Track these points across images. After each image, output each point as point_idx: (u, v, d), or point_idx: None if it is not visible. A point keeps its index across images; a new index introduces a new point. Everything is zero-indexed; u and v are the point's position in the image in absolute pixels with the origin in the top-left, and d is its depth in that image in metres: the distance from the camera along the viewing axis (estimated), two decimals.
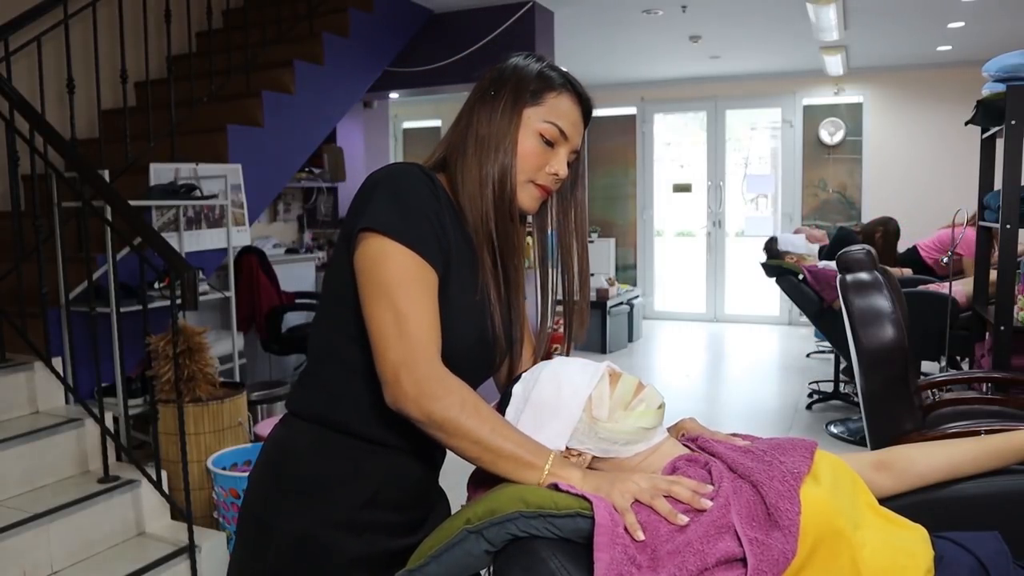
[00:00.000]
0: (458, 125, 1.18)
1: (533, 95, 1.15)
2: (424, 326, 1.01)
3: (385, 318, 1.01)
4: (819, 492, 1.00)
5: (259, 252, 4.49)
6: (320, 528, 1.09)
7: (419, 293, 1.02)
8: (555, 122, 1.15)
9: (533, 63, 1.18)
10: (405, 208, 1.05)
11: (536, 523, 0.93)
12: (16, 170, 2.72)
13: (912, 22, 5.42)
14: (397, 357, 0.99)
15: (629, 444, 1.07)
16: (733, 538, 0.93)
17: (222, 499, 2.66)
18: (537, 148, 1.15)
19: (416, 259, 1.03)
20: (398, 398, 1.00)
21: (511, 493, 0.97)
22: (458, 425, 0.98)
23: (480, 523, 0.95)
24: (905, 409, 2.25)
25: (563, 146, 1.17)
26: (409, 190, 1.07)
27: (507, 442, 1.00)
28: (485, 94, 1.17)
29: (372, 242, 1.03)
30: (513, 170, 1.13)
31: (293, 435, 1.14)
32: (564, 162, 1.17)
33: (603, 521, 0.91)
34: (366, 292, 1.03)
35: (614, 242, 8.20)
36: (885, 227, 4.70)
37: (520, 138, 1.14)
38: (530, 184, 1.16)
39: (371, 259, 1.03)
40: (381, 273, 1.02)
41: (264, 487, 1.14)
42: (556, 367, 1.12)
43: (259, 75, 3.76)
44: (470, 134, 1.15)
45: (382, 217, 1.03)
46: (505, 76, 1.17)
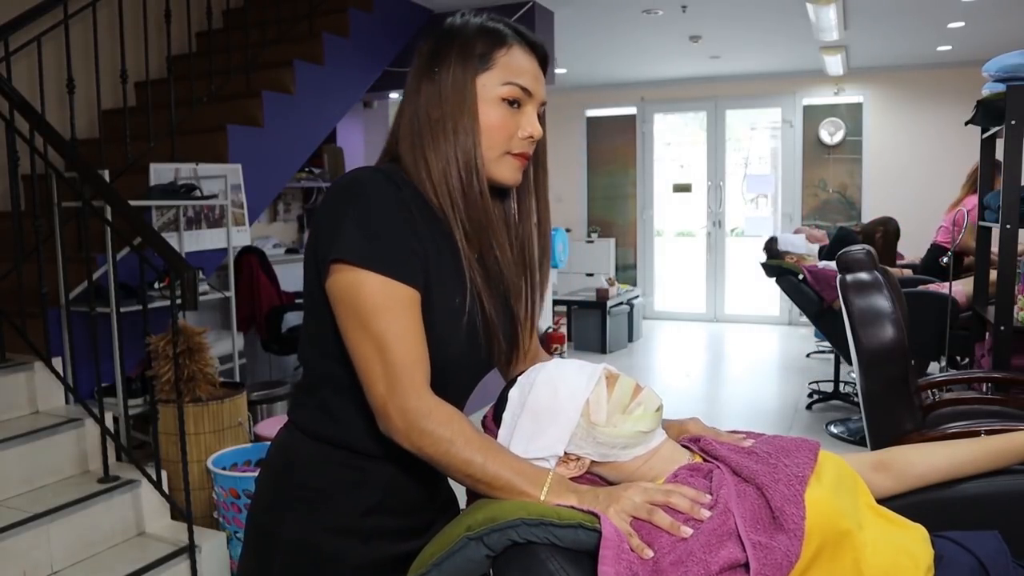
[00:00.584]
0: (404, 111, 1.09)
1: (482, 59, 1.05)
2: (407, 353, 0.98)
3: (366, 351, 0.98)
4: (823, 493, 1.00)
5: (259, 252, 4.49)
6: (325, 535, 1.08)
7: (397, 318, 0.98)
8: (515, 81, 1.05)
9: (472, 20, 1.08)
10: (370, 228, 0.99)
11: (537, 531, 0.93)
12: (16, 170, 2.72)
13: (912, 22, 5.42)
14: (383, 390, 0.98)
15: (627, 448, 1.06)
16: (736, 544, 0.92)
17: (222, 499, 2.66)
18: (503, 116, 1.05)
19: (389, 283, 0.98)
20: (389, 430, 0.99)
21: (512, 502, 0.97)
22: (450, 459, 0.97)
23: (481, 530, 0.94)
24: (905, 409, 2.25)
25: (529, 103, 1.07)
26: (372, 206, 1.00)
27: (502, 470, 0.98)
28: (428, 71, 1.07)
29: (342, 274, 0.98)
30: (478, 150, 1.04)
31: (296, 444, 1.12)
32: (535, 120, 1.08)
33: (610, 535, 0.91)
34: (344, 324, 1.00)
35: (614, 242, 8.20)
36: (885, 227, 4.70)
37: (481, 111, 1.05)
38: (506, 156, 1.07)
39: (344, 291, 0.99)
40: (356, 304, 0.98)
41: (269, 494, 1.13)
42: (552, 370, 1.10)
43: (259, 75, 3.76)
44: (421, 120, 1.06)
45: (348, 244, 0.98)
46: (444, 45, 1.06)
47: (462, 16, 1.09)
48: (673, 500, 0.96)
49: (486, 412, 1.14)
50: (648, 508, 0.95)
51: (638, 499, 0.96)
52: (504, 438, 1.08)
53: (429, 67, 1.07)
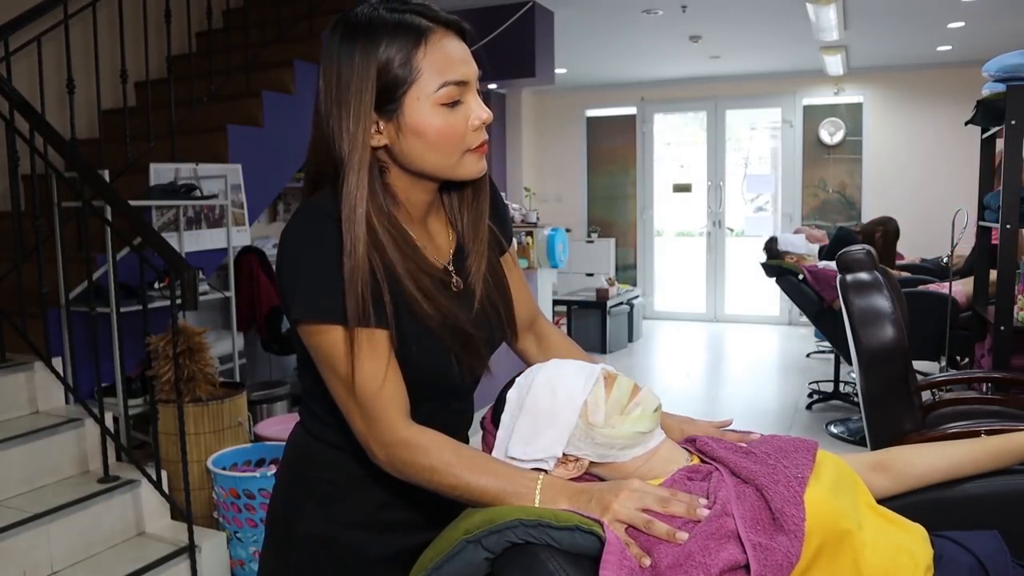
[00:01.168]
0: (325, 131, 1.01)
1: (402, 84, 0.97)
2: (383, 396, 0.99)
3: (341, 394, 1.01)
4: (822, 493, 1.00)
5: (259, 252, 4.49)
6: (341, 529, 1.11)
7: (364, 361, 0.98)
8: (448, 80, 0.97)
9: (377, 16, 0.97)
10: (324, 281, 0.97)
11: (535, 531, 0.93)
12: (16, 170, 2.72)
13: (912, 22, 5.42)
14: (362, 429, 1.01)
15: (626, 449, 1.06)
16: (736, 545, 0.92)
17: (222, 499, 2.66)
18: (448, 121, 0.99)
19: (355, 332, 0.98)
20: (375, 462, 1.03)
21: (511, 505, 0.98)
22: (436, 484, 1.00)
23: (479, 532, 0.95)
24: (905, 409, 2.25)
25: (468, 92, 1.00)
26: (323, 257, 0.97)
27: (491, 483, 0.98)
28: (344, 90, 0.98)
29: (304, 330, 1.01)
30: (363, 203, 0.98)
31: (310, 442, 1.15)
32: (480, 105, 1.01)
33: (613, 540, 0.91)
34: (320, 370, 1.03)
35: (614, 242, 8.21)
36: (885, 227, 4.70)
37: (423, 126, 0.98)
38: (465, 155, 1.02)
39: (310, 345, 1.02)
40: (325, 355, 1.00)
41: (286, 489, 1.16)
42: (550, 371, 1.10)
43: (259, 75, 3.76)
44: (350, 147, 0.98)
45: (306, 303, 0.99)
46: (359, 61, 0.96)
47: (368, 14, 0.98)
48: (672, 509, 0.96)
49: (484, 414, 1.14)
50: (645, 520, 0.94)
51: (632, 506, 0.95)
52: (502, 440, 1.08)
53: (339, 96, 0.98)
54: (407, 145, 1.00)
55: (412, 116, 0.98)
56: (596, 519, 0.94)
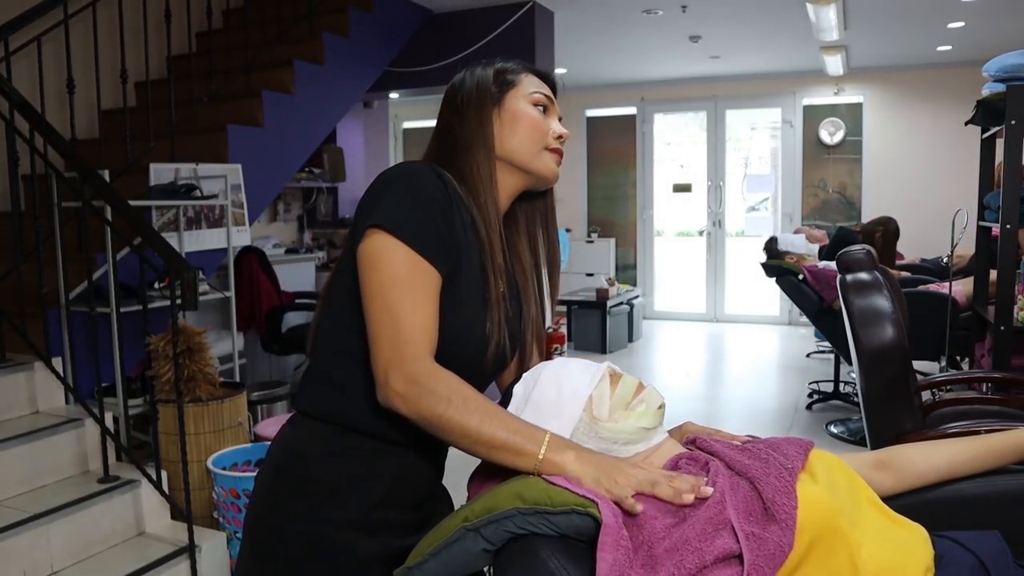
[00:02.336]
0: (449, 125, 1.22)
1: (506, 84, 1.21)
2: (417, 326, 1.02)
3: (380, 319, 1.02)
4: (817, 490, 1.01)
5: (259, 252, 4.49)
6: (333, 529, 1.09)
7: (415, 293, 1.03)
8: (538, 90, 1.22)
9: (496, 64, 1.24)
10: (414, 207, 1.06)
11: (533, 519, 0.94)
12: (16, 170, 2.72)
13: (912, 22, 5.42)
14: (387, 356, 1.01)
15: (629, 444, 1.07)
16: (730, 534, 0.93)
17: (222, 499, 2.66)
18: (537, 116, 1.21)
19: (417, 259, 1.03)
20: (389, 397, 1.01)
21: (508, 491, 0.98)
22: (447, 420, 0.99)
23: (478, 520, 0.96)
24: (905, 409, 2.25)
25: (553, 112, 1.24)
26: (421, 189, 1.08)
27: (499, 431, 0.99)
28: (463, 103, 1.21)
29: (376, 239, 1.04)
30: (493, 180, 1.18)
31: (303, 436, 1.13)
32: (561, 125, 1.24)
33: (609, 522, 0.92)
34: (365, 290, 1.05)
35: (614, 242, 8.21)
36: (885, 227, 4.70)
37: (519, 117, 1.20)
38: (544, 152, 1.22)
39: (373, 256, 1.04)
40: (380, 271, 1.03)
41: (274, 490, 1.13)
42: (556, 367, 1.12)
43: (259, 75, 3.76)
44: (466, 128, 1.19)
45: (390, 214, 1.05)
46: (474, 81, 1.22)
47: (484, 66, 1.25)
48: (676, 484, 0.97)
49: None
50: (651, 480, 0.97)
51: (642, 476, 0.98)
52: None
53: (463, 99, 1.21)
54: (501, 129, 1.19)
55: (511, 105, 1.20)
56: (593, 499, 0.94)
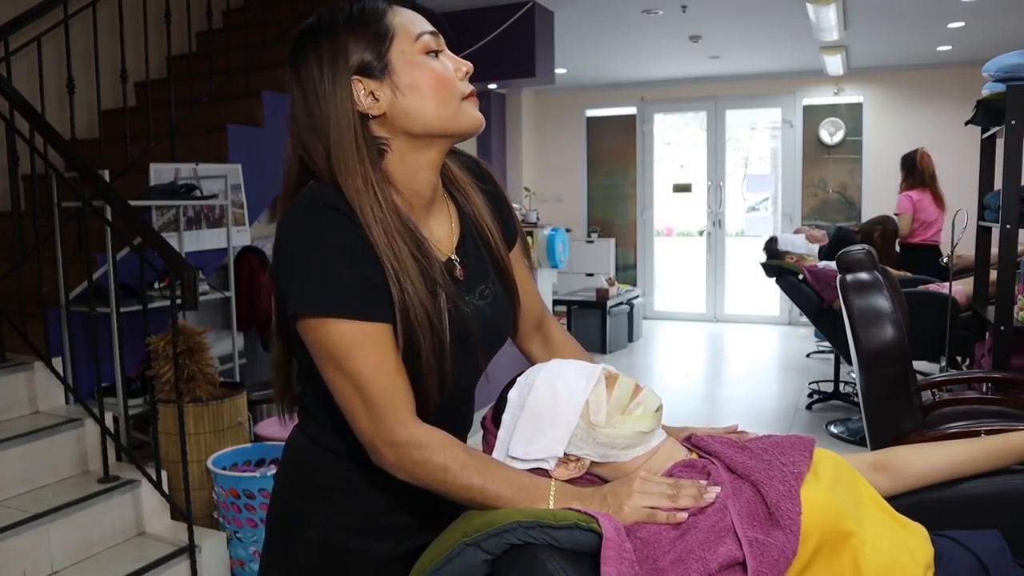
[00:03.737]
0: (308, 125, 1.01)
1: (381, 38, 1.00)
2: (384, 388, 0.96)
3: (345, 391, 0.97)
4: (821, 492, 1.00)
5: (259, 252, 4.48)
6: (346, 534, 1.09)
7: (369, 356, 0.96)
8: (421, 31, 1.01)
9: (349, 11, 1.02)
10: (325, 274, 0.95)
11: (534, 532, 0.93)
12: (16, 170, 2.72)
13: (912, 22, 5.42)
14: (368, 429, 0.97)
15: (628, 448, 1.06)
16: (734, 541, 0.93)
17: (222, 499, 2.66)
18: (437, 68, 1.01)
19: (354, 325, 0.95)
20: (383, 466, 0.99)
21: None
22: (448, 486, 0.97)
23: (478, 535, 0.95)
24: (905, 409, 2.24)
25: (443, 46, 1.04)
26: (320, 246, 0.95)
27: (502, 490, 0.97)
28: (329, 72, 0.99)
29: (306, 325, 0.97)
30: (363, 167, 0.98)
31: (309, 449, 1.13)
32: (457, 57, 1.04)
33: (610, 535, 0.91)
34: (321, 368, 0.99)
35: (614, 242, 8.20)
36: (883, 226, 4.70)
37: (417, 77, 0.99)
38: (463, 103, 1.03)
39: (312, 341, 0.98)
40: (327, 350, 0.97)
41: (289, 493, 1.14)
42: (551, 371, 1.10)
43: (259, 75, 3.76)
44: (333, 133, 0.99)
45: (306, 296, 0.95)
46: (333, 43, 1.00)
47: (326, 14, 1.02)
48: (681, 503, 0.97)
49: (485, 413, 1.14)
50: (649, 514, 0.96)
51: (644, 504, 0.97)
52: (503, 440, 1.08)
53: (301, 83, 1.01)
54: (406, 102, 1.00)
55: (403, 70, 0.99)
56: (593, 515, 0.94)
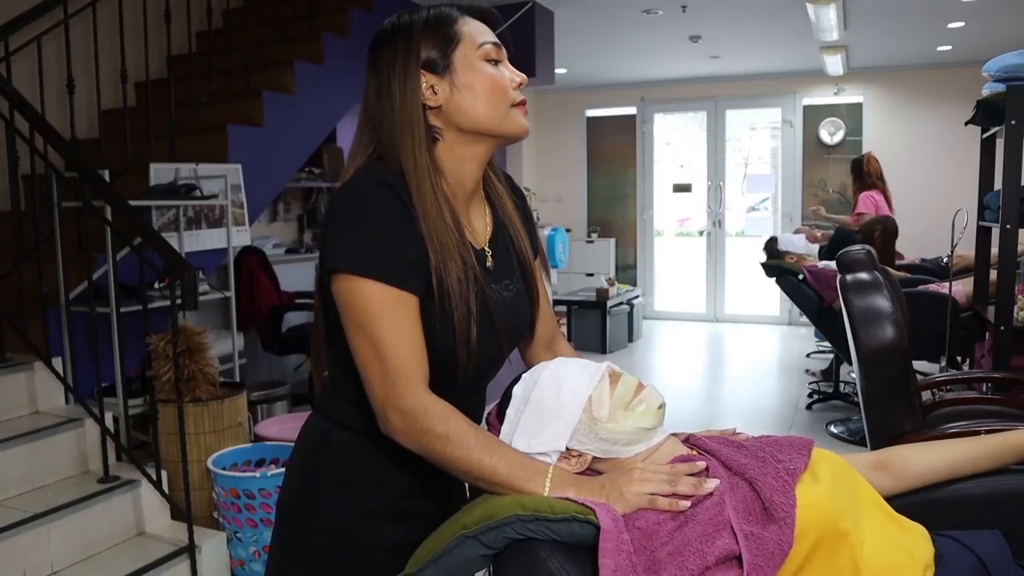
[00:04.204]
0: (379, 108, 1.10)
1: (448, 41, 1.09)
2: (402, 355, 1.00)
3: (365, 353, 1.02)
4: (819, 491, 1.01)
5: (259, 252, 4.49)
6: (360, 519, 1.12)
7: (393, 322, 1.01)
8: (484, 40, 1.10)
9: (426, 14, 1.11)
10: (366, 237, 1.02)
11: (533, 526, 0.94)
12: (16, 170, 2.72)
13: (912, 22, 5.42)
14: (380, 394, 1.01)
15: (630, 445, 1.07)
16: (730, 535, 0.93)
17: (222, 499, 2.66)
18: (494, 74, 1.10)
19: (386, 290, 1.01)
20: (388, 431, 1.02)
21: (507, 498, 0.98)
22: (447, 456, 1.00)
23: (477, 528, 0.95)
24: (905, 409, 2.25)
25: (502, 56, 1.13)
26: (369, 216, 1.03)
27: (500, 465, 0.99)
28: (401, 66, 1.08)
29: (340, 283, 1.03)
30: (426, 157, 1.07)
31: (328, 432, 1.15)
32: (515, 69, 1.13)
33: (608, 527, 0.92)
34: (346, 328, 1.04)
35: (614, 242, 8.20)
36: (883, 226, 4.70)
37: (474, 79, 1.08)
38: (511, 110, 1.11)
39: (344, 298, 1.03)
40: (354, 310, 1.02)
41: (302, 481, 1.16)
42: (556, 368, 1.11)
43: (259, 75, 3.75)
44: (399, 115, 1.08)
45: (344, 253, 1.02)
46: (407, 42, 1.09)
47: (405, 15, 1.11)
48: (681, 489, 0.98)
49: (490, 409, 1.16)
50: (650, 500, 0.98)
51: (644, 490, 0.99)
52: (507, 434, 1.09)
53: (393, 70, 1.09)
54: (460, 100, 1.09)
55: (463, 71, 1.09)
56: (590, 506, 0.94)
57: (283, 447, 2.92)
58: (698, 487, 0.98)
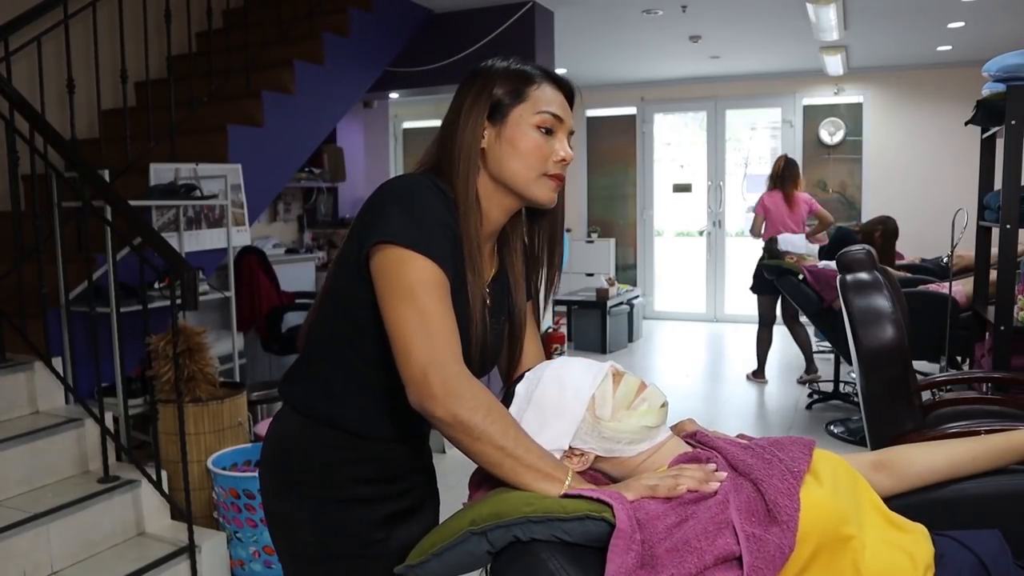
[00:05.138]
0: (447, 132, 1.19)
1: (516, 95, 1.17)
2: (448, 326, 1.03)
3: (410, 318, 1.02)
4: (822, 495, 1.00)
5: (259, 252, 4.49)
6: (333, 507, 1.16)
7: (441, 296, 1.04)
8: (546, 110, 1.16)
9: (510, 64, 1.20)
10: (419, 219, 1.07)
11: (541, 528, 0.93)
12: (16, 170, 2.72)
13: (912, 22, 5.42)
14: (424, 356, 1.00)
15: (633, 443, 1.07)
16: (732, 535, 0.93)
17: (222, 499, 2.66)
18: (538, 141, 1.16)
19: (434, 266, 1.05)
20: (424, 398, 1.00)
21: (517, 497, 0.98)
22: (483, 429, 0.99)
23: (485, 525, 0.95)
24: (905, 409, 2.25)
25: (561, 130, 1.18)
26: (422, 201, 1.09)
27: (529, 453, 1.00)
28: (472, 102, 1.18)
29: (390, 252, 1.05)
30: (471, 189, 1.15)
31: (290, 432, 1.20)
32: (567, 145, 1.19)
33: (623, 526, 0.92)
34: (388, 294, 1.05)
35: (614, 242, 8.20)
36: (884, 226, 4.70)
37: (519, 138, 1.15)
38: (543, 177, 1.17)
39: (391, 266, 1.05)
40: (403, 277, 1.04)
41: (274, 484, 1.21)
42: (559, 367, 1.12)
43: (259, 75, 3.76)
44: (459, 144, 1.16)
45: (398, 229, 1.05)
46: (485, 81, 1.18)
47: (502, 59, 1.21)
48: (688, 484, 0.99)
49: None
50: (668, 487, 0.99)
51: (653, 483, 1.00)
52: None
53: (473, 98, 1.18)
54: (500, 151, 1.16)
55: (512, 127, 1.16)
56: (608, 502, 0.94)
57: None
58: (703, 483, 0.98)
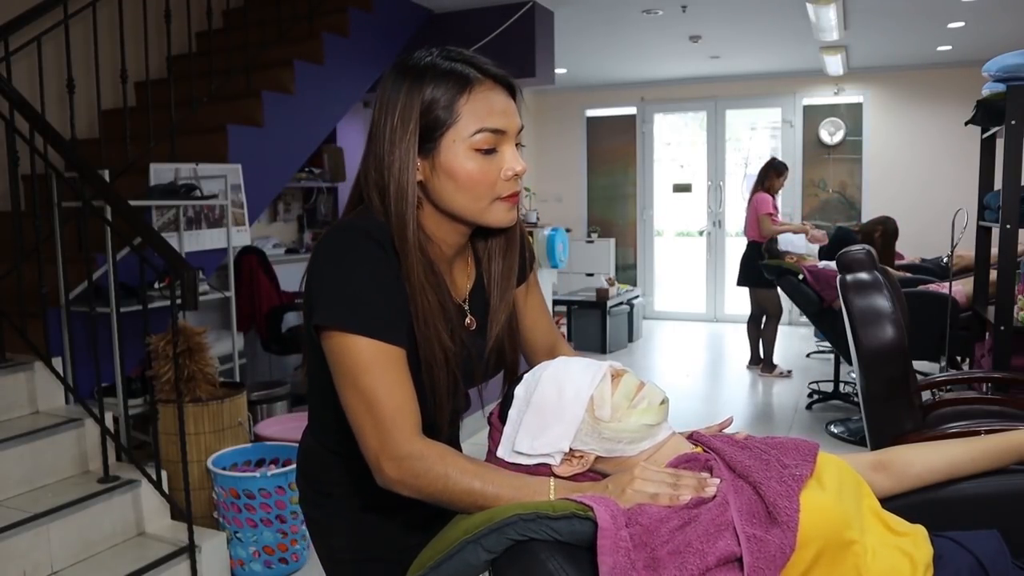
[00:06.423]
0: (375, 164, 1.06)
1: (445, 117, 1.02)
2: (395, 407, 1.00)
3: (357, 407, 1.01)
4: (826, 499, 1.00)
5: (259, 252, 4.49)
6: (366, 513, 1.20)
7: (384, 375, 1.00)
8: (485, 127, 1.02)
9: (431, 64, 1.03)
10: (357, 289, 1.01)
11: (533, 525, 0.94)
12: (16, 170, 2.72)
13: (912, 22, 5.42)
14: (375, 444, 1.01)
15: (634, 442, 1.07)
16: (732, 536, 0.93)
17: (222, 499, 2.66)
18: (480, 166, 1.03)
19: (374, 344, 1.00)
20: (386, 483, 1.02)
21: (507, 506, 0.99)
22: (450, 493, 1.00)
23: (478, 532, 0.95)
24: (905, 409, 2.25)
25: (506, 142, 1.05)
26: (355, 270, 1.02)
27: (503, 491, 1.00)
28: (400, 134, 1.03)
29: (331, 341, 1.03)
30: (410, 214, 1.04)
31: (318, 452, 1.25)
32: (516, 157, 1.05)
33: (606, 525, 0.91)
34: (337, 381, 1.04)
35: (614, 242, 8.20)
36: (884, 227, 4.70)
37: (456, 168, 1.03)
38: (495, 202, 1.06)
39: (334, 354, 1.03)
40: (345, 365, 1.01)
41: (309, 493, 1.27)
42: (557, 368, 1.11)
43: (259, 75, 3.76)
44: (388, 184, 1.04)
45: (333, 311, 1.01)
46: (408, 99, 1.02)
47: (422, 59, 1.04)
48: (683, 493, 0.98)
49: (492, 410, 1.15)
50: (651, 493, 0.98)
51: (646, 490, 0.99)
52: (509, 435, 1.09)
53: (392, 122, 1.03)
54: (439, 184, 1.05)
55: (446, 157, 1.03)
56: (588, 503, 0.95)
57: (283, 447, 2.92)
58: (700, 491, 0.98)
